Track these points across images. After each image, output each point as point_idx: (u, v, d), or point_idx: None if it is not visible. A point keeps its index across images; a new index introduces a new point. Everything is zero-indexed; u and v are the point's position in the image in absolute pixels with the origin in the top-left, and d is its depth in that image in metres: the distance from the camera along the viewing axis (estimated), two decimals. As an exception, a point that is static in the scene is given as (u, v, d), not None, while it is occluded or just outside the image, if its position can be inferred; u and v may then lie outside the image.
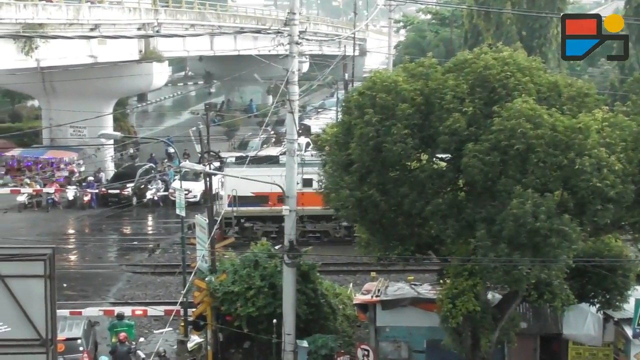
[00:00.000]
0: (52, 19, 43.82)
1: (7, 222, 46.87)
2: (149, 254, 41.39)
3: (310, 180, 39.11)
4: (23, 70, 47.50)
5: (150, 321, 32.61)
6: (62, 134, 54.86)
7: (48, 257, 15.55)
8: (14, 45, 42.18)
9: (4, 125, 69.75)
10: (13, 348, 15.59)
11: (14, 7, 40.76)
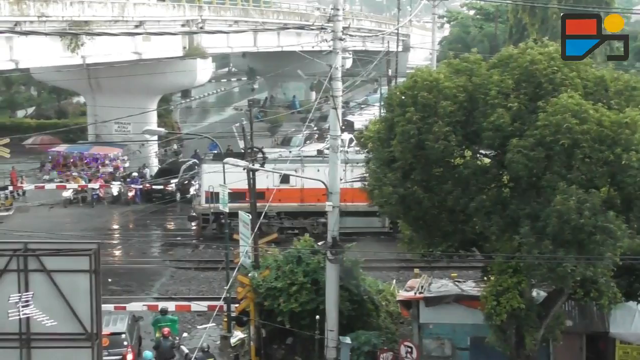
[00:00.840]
0: (97, 16, 44.18)
1: (53, 217, 47.42)
2: (193, 250, 41.59)
3: (288, 176, 39.91)
4: (69, 67, 47.95)
5: (194, 316, 32.76)
6: (107, 130, 55.30)
7: (93, 252, 15.66)
8: (61, 43, 42.60)
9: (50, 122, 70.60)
10: (59, 342, 15.74)
11: (61, 4, 41.15)
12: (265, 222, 40.73)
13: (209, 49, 55.73)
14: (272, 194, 34.55)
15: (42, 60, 43.56)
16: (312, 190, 40.47)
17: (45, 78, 60.63)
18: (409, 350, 24.40)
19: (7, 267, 15.51)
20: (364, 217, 40.43)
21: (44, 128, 65.48)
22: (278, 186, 40.32)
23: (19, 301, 15.48)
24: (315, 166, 40.72)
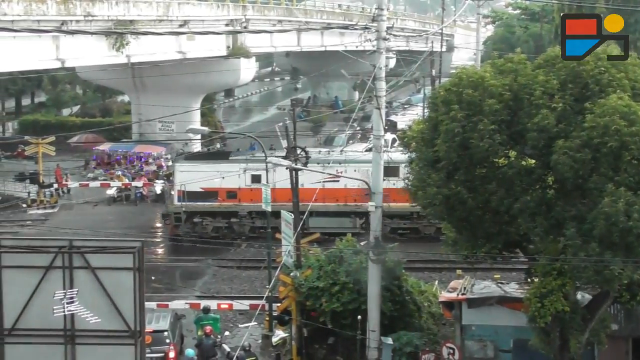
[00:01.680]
0: (142, 15, 44.50)
1: (96, 215, 47.84)
2: (235, 249, 41.69)
3: (259, 176, 39.70)
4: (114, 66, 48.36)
5: (236, 315, 32.85)
6: (150, 128, 55.70)
7: (137, 250, 15.72)
8: (106, 42, 42.97)
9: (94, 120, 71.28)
10: (103, 339, 15.81)
11: (107, 4, 41.51)
12: (237, 221, 41.59)
13: (253, 49, 55.89)
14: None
15: (88, 59, 43.96)
16: (283, 190, 39.89)
17: (91, 77, 61.22)
18: (451, 351, 24.26)
19: (52, 264, 15.62)
20: (335, 218, 40.79)
21: (88, 126, 66.10)
22: (249, 186, 41.00)
23: (63, 298, 15.59)
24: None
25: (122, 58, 44.77)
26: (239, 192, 41.44)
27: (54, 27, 37.93)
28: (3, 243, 16.07)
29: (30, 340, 15.78)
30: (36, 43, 37.89)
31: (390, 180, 37.65)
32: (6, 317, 15.72)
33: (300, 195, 40.47)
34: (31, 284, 15.64)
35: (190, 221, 42.33)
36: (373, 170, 26.05)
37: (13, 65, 40.28)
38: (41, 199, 50.53)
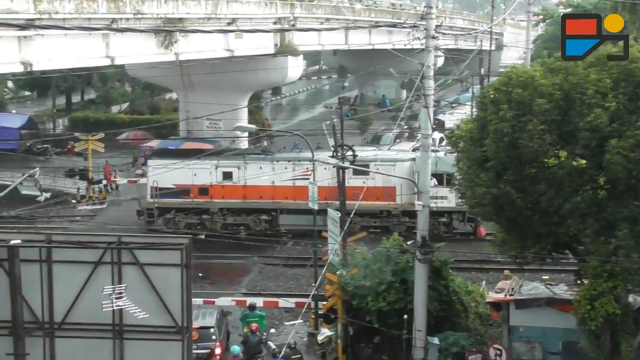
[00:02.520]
0: (191, 13, 44.68)
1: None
2: (281, 246, 41.74)
3: (230, 173, 40.92)
4: (163, 63, 48.60)
5: (281, 313, 32.91)
6: (198, 126, 55.88)
7: (185, 247, 15.79)
8: (155, 40, 43.20)
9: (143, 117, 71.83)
10: (150, 334, 15.90)
11: (156, 2, 41.73)
12: (208, 217, 42.10)
13: (301, 47, 55.88)
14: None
15: (137, 57, 44.18)
16: (254, 188, 41.26)
17: (140, 74, 61.61)
18: (498, 352, 24.05)
19: (101, 259, 15.75)
20: (305, 215, 40.06)
21: (137, 123, 66.58)
22: (221, 182, 41.47)
23: (112, 293, 15.70)
24: (257, 164, 41.58)
25: (170, 56, 44.98)
26: (210, 189, 41.84)
27: (104, 25, 38.20)
28: (54, 238, 16.24)
29: (79, 335, 15.93)
30: (86, 41, 38.18)
31: (360, 179, 39.08)
32: (56, 311, 15.88)
33: (272, 193, 40.98)
34: (81, 279, 15.79)
35: (163, 217, 42.80)
36: (420, 169, 25.91)
37: (64, 63, 40.65)
38: (90, 195, 51.03)
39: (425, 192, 25.37)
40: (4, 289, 15.67)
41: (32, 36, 34.79)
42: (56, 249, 15.91)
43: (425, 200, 25.21)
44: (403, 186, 40.20)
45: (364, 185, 36.41)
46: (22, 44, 34.97)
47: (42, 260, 15.80)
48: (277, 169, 41.49)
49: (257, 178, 41.05)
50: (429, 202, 25.52)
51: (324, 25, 57.72)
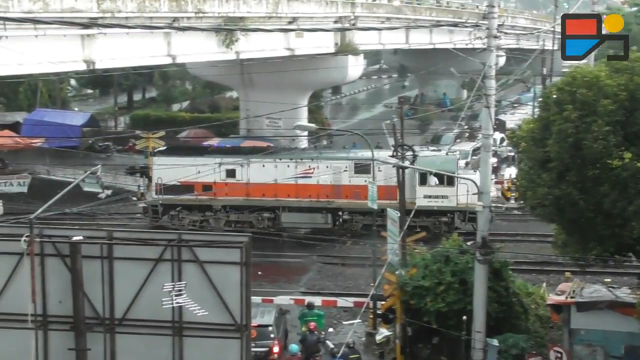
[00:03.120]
0: (252, 12, 44.94)
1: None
2: (340, 246, 41.69)
3: (234, 170, 41.45)
4: (223, 62, 48.98)
5: (340, 312, 32.87)
6: (258, 124, 56.16)
7: (244, 245, 15.82)
8: (216, 39, 43.53)
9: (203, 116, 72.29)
10: (209, 332, 15.96)
11: (217, 1, 42.04)
12: (212, 214, 42.51)
13: (361, 46, 55.85)
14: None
15: (198, 55, 44.56)
16: (257, 185, 41.46)
17: (200, 73, 62.14)
18: (559, 355, 23.74)
19: (161, 256, 15.85)
20: (307, 213, 41.11)
21: (197, 122, 67.09)
22: (224, 180, 41.68)
23: (172, 290, 15.79)
24: (260, 162, 41.63)
25: (231, 54, 45.27)
26: (214, 186, 42.05)
27: (165, 24, 38.60)
28: (115, 235, 16.39)
29: (139, 331, 16.05)
30: (148, 39, 38.60)
31: (362, 177, 39.68)
32: (117, 307, 16.03)
33: (273, 191, 41.21)
34: (141, 275, 15.90)
35: (167, 214, 43.21)
36: (481, 169, 25.66)
37: (126, 61, 41.22)
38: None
39: (486, 193, 25.09)
40: (66, 285, 15.87)
41: (95, 35, 35.28)
42: (117, 245, 16.06)
43: (487, 201, 24.94)
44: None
45: (366, 184, 36.80)
46: (86, 42, 35.48)
47: (103, 257, 15.96)
48: (279, 167, 41.73)
49: (260, 176, 41.47)
50: (489, 203, 25.23)
51: (384, 25, 57.63)
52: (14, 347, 16.25)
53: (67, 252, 15.79)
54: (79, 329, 15.86)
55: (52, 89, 72.55)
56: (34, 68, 34.18)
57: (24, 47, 30.97)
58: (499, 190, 48.48)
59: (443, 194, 40.21)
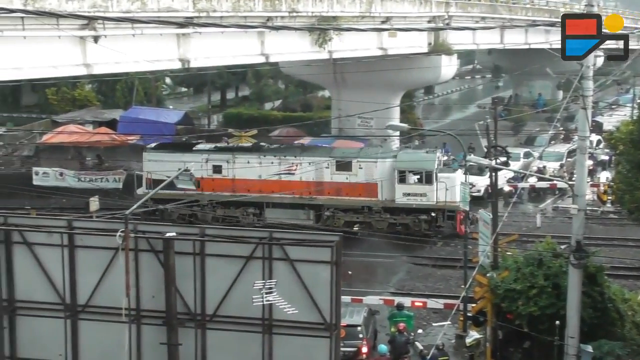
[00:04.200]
0: (345, 12, 44.94)
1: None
2: (431, 247, 41.44)
3: (220, 166, 42.50)
4: (316, 61, 49.07)
5: (429, 313, 32.64)
6: (349, 124, 56.10)
7: (335, 244, 15.80)
8: (309, 38, 43.65)
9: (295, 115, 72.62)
10: (299, 330, 15.99)
11: (311, 0, 42.19)
12: (199, 209, 42.93)
13: (455, 46, 55.38)
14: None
15: (291, 54, 44.75)
16: (242, 181, 42.10)
17: (293, 72, 62.41)
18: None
19: (252, 254, 15.94)
20: (290, 210, 41.33)
21: (289, 120, 67.43)
22: (211, 176, 42.47)
23: (262, 288, 15.87)
24: (245, 158, 42.30)
25: (324, 54, 45.36)
26: (201, 182, 42.69)
27: (259, 24, 38.88)
28: (207, 232, 16.55)
29: (230, 327, 16.17)
30: (242, 39, 38.89)
31: (343, 174, 41.14)
32: (208, 303, 16.17)
33: (258, 187, 41.84)
34: (232, 272, 16.03)
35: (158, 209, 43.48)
36: (577, 171, 25.10)
37: (220, 60, 41.61)
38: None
39: (581, 195, 24.55)
40: (159, 280, 16.09)
41: (191, 34, 35.73)
42: (209, 242, 16.21)
43: (582, 204, 24.41)
44: (384, 183, 41.12)
45: (347, 181, 39.84)
46: (181, 41, 35.97)
47: (195, 253, 16.12)
48: (264, 164, 42.44)
49: (245, 172, 42.15)
50: (584, 206, 24.67)
51: (479, 24, 57.06)
52: (109, 339, 16.57)
53: (161, 248, 16.01)
54: (171, 324, 16.07)
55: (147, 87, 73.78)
56: (131, 66, 34.79)
57: (121, 46, 31.55)
58: (595, 194, 47.54)
59: (421, 192, 40.68)
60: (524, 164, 51.20)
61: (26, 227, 17.04)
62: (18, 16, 26.60)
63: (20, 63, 29.47)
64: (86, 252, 16.54)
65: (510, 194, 45.96)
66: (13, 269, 16.81)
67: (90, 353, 16.80)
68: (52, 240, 16.63)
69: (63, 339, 16.79)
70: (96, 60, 32.19)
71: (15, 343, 17.04)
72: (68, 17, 28.27)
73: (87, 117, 65.24)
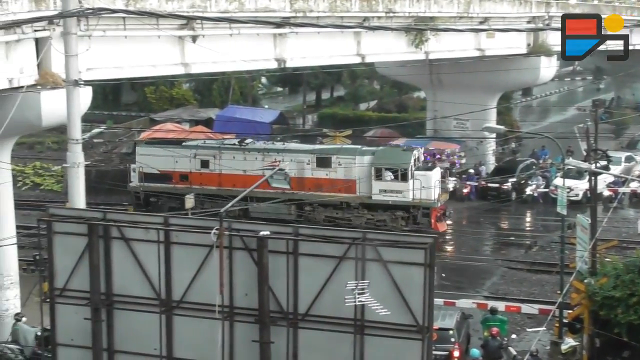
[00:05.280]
0: (442, 12, 44.62)
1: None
2: (526, 251, 40.88)
3: (207, 161, 44.30)
4: (412, 62, 48.82)
5: (524, 319, 32.16)
6: (445, 125, 55.69)
7: (429, 246, 15.64)
8: (405, 38, 43.47)
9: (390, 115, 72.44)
10: (390, 331, 15.87)
11: (408, 1, 42.02)
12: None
13: (555, 47, 54.32)
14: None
15: (387, 55, 44.64)
16: (228, 176, 43.37)
17: (388, 73, 62.21)
18: None
19: (345, 254, 15.89)
20: (273, 204, 41.14)
21: (384, 121, 67.28)
22: (199, 170, 44.47)
23: (355, 288, 15.80)
24: (231, 153, 43.71)
25: (420, 54, 45.10)
26: (190, 176, 44.56)
27: (356, 24, 38.88)
28: (301, 231, 16.57)
29: (321, 327, 16.15)
30: (339, 39, 38.90)
31: (323, 171, 42.65)
32: (300, 302, 16.19)
33: (243, 181, 42.31)
34: (325, 272, 15.99)
35: (147, 201, 45.46)
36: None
37: (316, 60, 41.76)
38: (336, 190, 51.95)
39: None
40: (252, 278, 16.17)
41: (287, 34, 35.92)
42: (302, 242, 16.22)
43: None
44: (361, 180, 42.18)
45: (327, 177, 41.91)
46: (277, 41, 36.20)
47: (289, 252, 16.15)
48: (248, 159, 43.61)
49: (231, 167, 43.39)
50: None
51: (579, 25, 55.86)
52: (202, 335, 16.73)
53: (255, 246, 16.09)
54: (264, 322, 16.13)
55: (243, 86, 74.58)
56: (228, 66, 35.17)
57: (219, 45, 31.90)
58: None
59: (397, 189, 41.61)
60: (625, 169, 50.10)
61: (124, 223, 17.34)
62: (120, 16, 27.08)
63: (121, 62, 30.05)
64: (181, 249, 16.73)
65: (610, 198, 45.01)
66: (111, 263, 17.12)
67: (184, 348, 16.99)
68: (149, 236, 16.87)
69: (158, 333, 17.01)
70: (194, 60, 32.62)
71: (112, 336, 17.34)
72: (168, 17, 28.74)
73: (184, 116, 66.35)
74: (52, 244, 17.39)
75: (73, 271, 17.23)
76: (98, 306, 17.05)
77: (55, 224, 17.39)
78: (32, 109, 25.45)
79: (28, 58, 25.63)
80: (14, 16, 24.09)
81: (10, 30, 24.61)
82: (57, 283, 17.46)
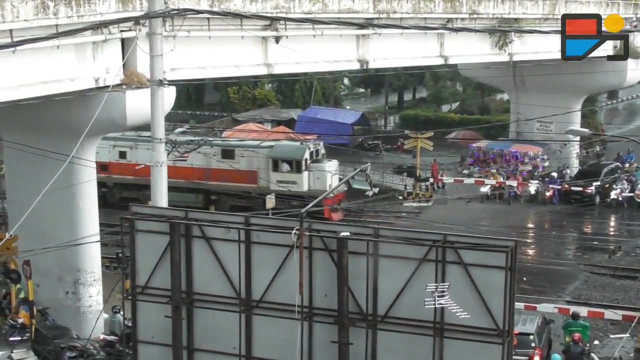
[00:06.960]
0: (527, 14, 44.17)
1: (469, 211, 48.23)
2: (609, 256, 40.18)
3: (125, 152, 47.61)
4: (495, 64, 48.38)
5: (607, 324, 31.59)
6: (528, 128, 55.11)
7: (510, 250, 15.48)
8: (489, 40, 43.15)
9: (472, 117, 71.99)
10: (470, 335, 15.75)
11: (492, 2, 41.69)
12: (106, 190, 47.75)
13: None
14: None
15: (470, 57, 44.35)
16: (143, 167, 43.68)
17: (471, 74, 61.76)
18: None
19: (426, 256, 15.82)
20: (182, 193, 43.70)
21: (466, 123, 66.88)
22: (117, 160, 47.96)
23: (435, 291, 15.71)
24: (145, 145, 42.92)
25: (504, 56, 44.70)
26: (109, 166, 47.60)
27: (439, 25, 38.69)
28: (381, 233, 16.55)
29: (400, 329, 16.10)
30: (421, 40, 38.78)
31: (227, 162, 46.14)
32: (380, 304, 16.17)
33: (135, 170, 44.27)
34: (405, 274, 15.93)
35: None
36: None
37: (399, 62, 41.74)
38: (417, 192, 51.86)
39: None
40: (331, 279, 16.21)
41: (370, 35, 35.92)
42: (383, 243, 16.20)
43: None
44: (261, 171, 45.80)
45: (231, 168, 45.28)
46: (360, 42, 36.24)
47: (368, 254, 16.15)
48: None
49: (146, 158, 43.26)
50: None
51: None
52: (281, 335, 16.81)
53: (334, 247, 16.12)
54: (343, 323, 16.16)
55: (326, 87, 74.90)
56: (310, 67, 35.28)
57: (301, 46, 32.01)
58: None
59: (292, 180, 44.96)
60: None
61: (205, 222, 17.55)
62: (204, 17, 27.43)
63: (205, 62, 30.39)
64: (261, 249, 16.83)
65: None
66: (192, 262, 17.33)
67: (263, 348, 17.09)
68: (229, 235, 17.02)
69: (237, 332, 17.15)
70: (277, 61, 32.81)
71: (192, 334, 17.56)
72: (251, 17, 28.95)
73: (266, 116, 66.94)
74: (135, 242, 17.68)
75: (154, 269, 17.46)
76: (179, 304, 17.25)
77: (137, 222, 17.68)
78: (117, 108, 26.00)
79: (114, 58, 26.14)
80: (101, 17, 24.57)
81: (97, 31, 25.13)
82: (139, 281, 17.72)
